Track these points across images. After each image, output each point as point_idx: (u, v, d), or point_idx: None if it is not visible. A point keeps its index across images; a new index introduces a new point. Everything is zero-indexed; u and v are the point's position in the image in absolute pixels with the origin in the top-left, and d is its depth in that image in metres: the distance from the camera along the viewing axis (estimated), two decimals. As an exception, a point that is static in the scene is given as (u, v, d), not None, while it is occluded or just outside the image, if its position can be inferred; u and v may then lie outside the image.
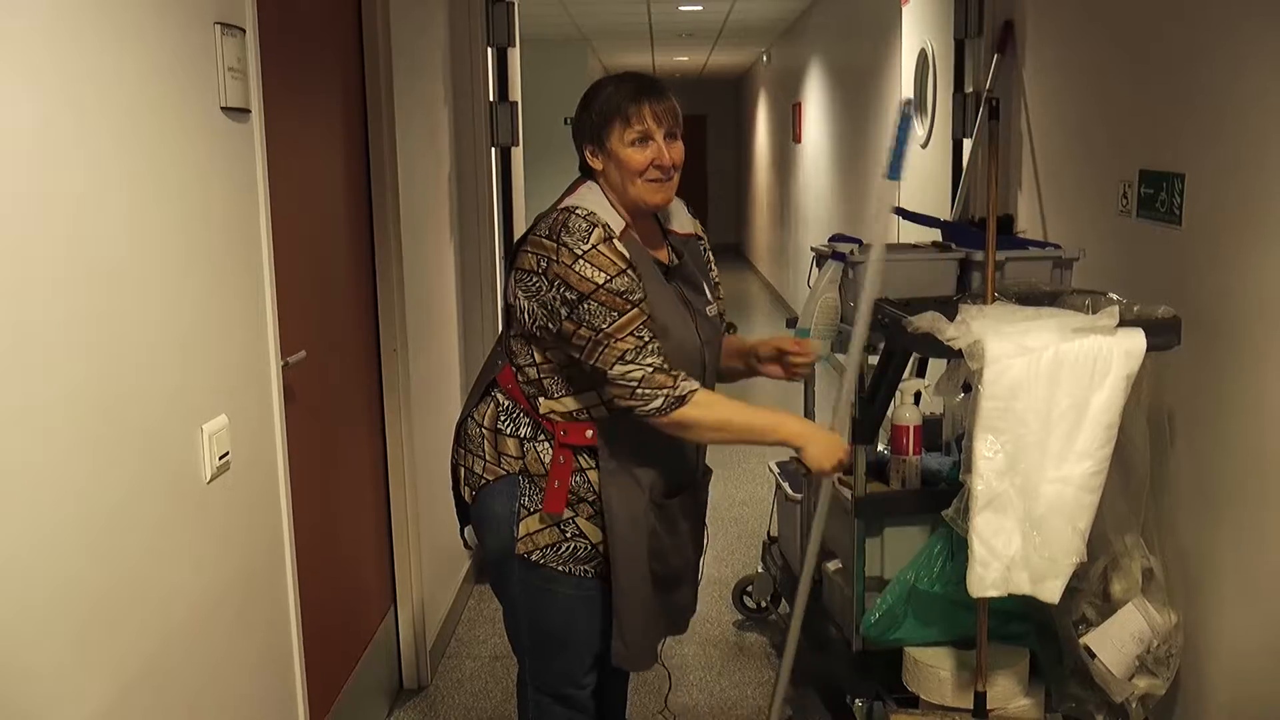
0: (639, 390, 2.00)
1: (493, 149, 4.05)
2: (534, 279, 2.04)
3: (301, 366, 2.41)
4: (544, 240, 2.03)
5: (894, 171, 2.25)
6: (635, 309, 2.00)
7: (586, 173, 2.16)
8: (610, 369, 2.00)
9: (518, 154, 4.30)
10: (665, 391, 2.01)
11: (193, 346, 1.79)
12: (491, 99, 4.02)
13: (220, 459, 1.86)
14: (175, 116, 1.73)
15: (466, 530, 2.30)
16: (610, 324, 1.99)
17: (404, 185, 3.15)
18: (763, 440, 2.15)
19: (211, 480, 1.83)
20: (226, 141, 1.92)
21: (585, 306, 1.99)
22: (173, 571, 1.71)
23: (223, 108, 1.89)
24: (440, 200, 3.70)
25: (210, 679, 1.84)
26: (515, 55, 4.19)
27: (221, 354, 1.90)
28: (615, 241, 2.02)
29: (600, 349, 2.00)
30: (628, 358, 1.99)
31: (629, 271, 2.01)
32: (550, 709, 2.29)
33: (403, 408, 3.15)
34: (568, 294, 1.99)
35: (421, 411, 3.31)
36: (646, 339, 2.01)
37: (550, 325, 2.04)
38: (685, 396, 2.02)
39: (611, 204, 2.11)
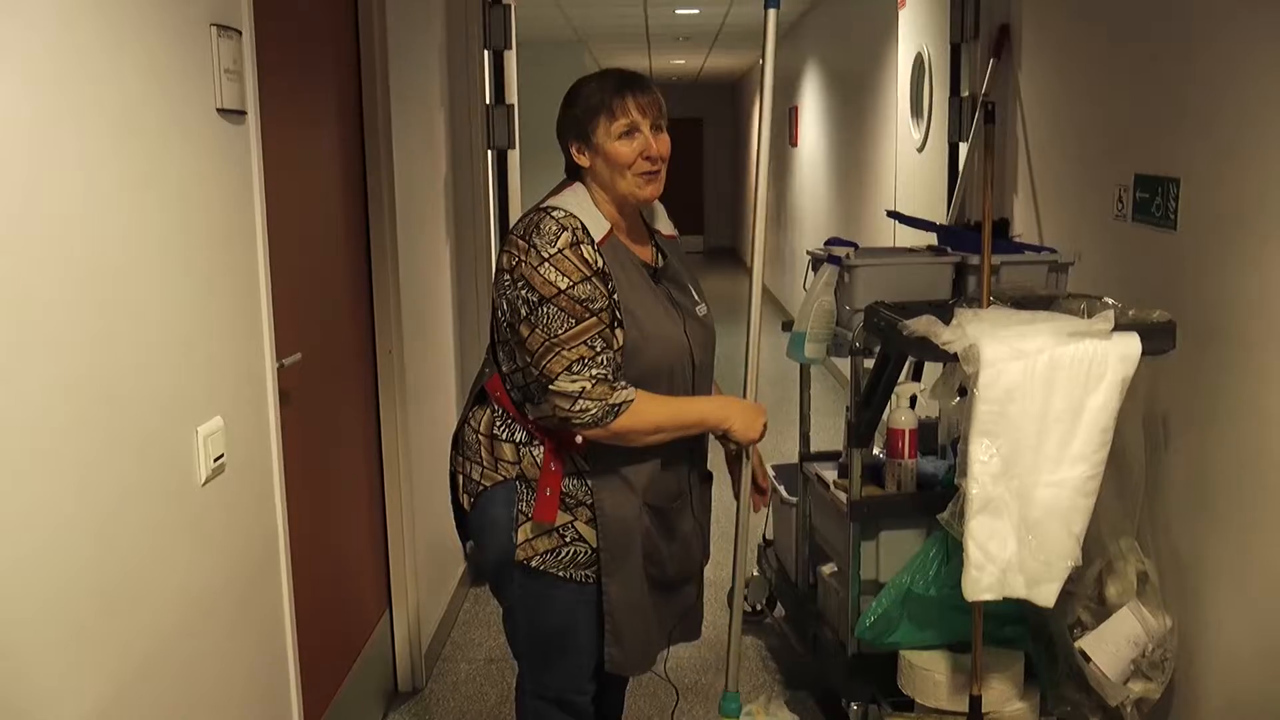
0: (579, 401, 1.98)
1: (489, 151, 4.05)
2: (506, 277, 2.04)
3: (297, 368, 2.41)
4: (518, 240, 2.03)
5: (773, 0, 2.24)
6: (594, 318, 1.99)
7: (573, 174, 2.15)
8: (556, 378, 1.98)
9: (514, 156, 4.31)
10: (602, 403, 1.98)
11: (188, 348, 1.78)
12: (488, 101, 4.02)
13: (215, 461, 1.85)
14: (171, 118, 1.73)
15: (469, 544, 2.29)
16: (565, 330, 1.98)
17: (400, 187, 3.15)
18: (694, 432, 2.17)
19: (206, 482, 1.83)
20: (222, 143, 1.92)
21: (544, 310, 1.98)
22: (167, 574, 1.71)
23: (218, 109, 1.89)
24: (436, 202, 3.70)
25: (205, 682, 1.84)
26: (512, 58, 4.20)
27: (217, 356, 1.89)
28: (584, 247, 2.00)
29: (550, 355, 1.98)
30: (574, 368, 1.98)
31: (593, 279, 1.99)
32: (549, 715, 2.28)
33: (398, 410, 3.15)
34: (529, 295, 1.99)
35: (417, 413, 3.30)
36: (598, 349, 1.99)
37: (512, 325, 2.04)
38: (620, 406, 2.00)
39: (596, 205, 2.10)
